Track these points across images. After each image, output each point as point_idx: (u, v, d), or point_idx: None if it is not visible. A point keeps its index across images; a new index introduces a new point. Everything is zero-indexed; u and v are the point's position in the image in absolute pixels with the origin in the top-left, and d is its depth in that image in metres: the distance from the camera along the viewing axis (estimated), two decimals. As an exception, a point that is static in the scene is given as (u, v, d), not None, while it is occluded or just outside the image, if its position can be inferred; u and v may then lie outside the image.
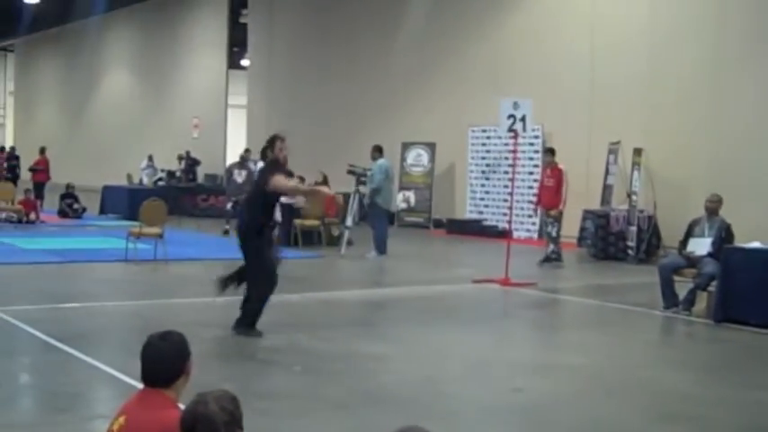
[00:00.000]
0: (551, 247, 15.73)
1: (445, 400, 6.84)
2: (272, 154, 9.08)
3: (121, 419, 3.52)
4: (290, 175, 9.41)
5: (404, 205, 23.65)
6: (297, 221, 17.63)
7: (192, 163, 28.77)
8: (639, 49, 18.71)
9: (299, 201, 11.72)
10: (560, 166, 15.90)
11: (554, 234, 15.72)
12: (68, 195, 23.06)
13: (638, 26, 18.89)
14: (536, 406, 6.81)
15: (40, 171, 26.35)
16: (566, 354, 8.93)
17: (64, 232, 19.32)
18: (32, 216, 20.85)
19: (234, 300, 9.15)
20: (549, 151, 16.28)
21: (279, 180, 8.88)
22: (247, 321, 8.85)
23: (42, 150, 27.08)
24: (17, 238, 17.41)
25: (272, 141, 9.13)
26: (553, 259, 15.65)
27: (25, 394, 6.90)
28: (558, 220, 15.79)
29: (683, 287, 10.99)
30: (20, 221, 20.35)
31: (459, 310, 11.58)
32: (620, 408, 6.87)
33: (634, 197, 17.11)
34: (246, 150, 21.48)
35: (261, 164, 16.10)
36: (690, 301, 10.80)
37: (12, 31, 45.51)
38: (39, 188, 25.01)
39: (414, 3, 24.65)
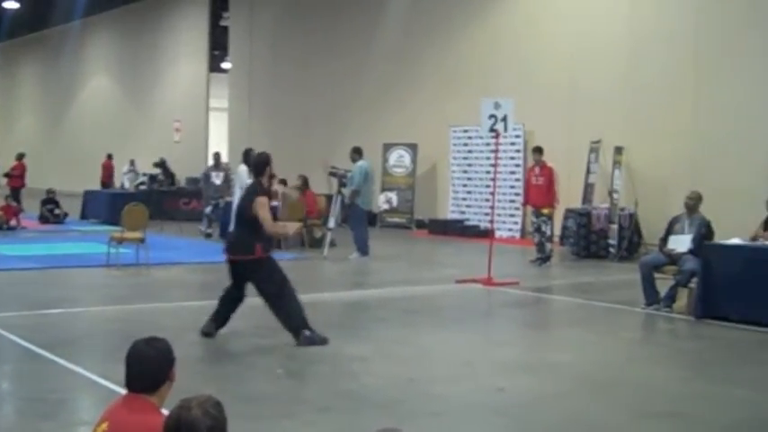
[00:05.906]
0: (549, 246, 15.75)
1: (428, 401, 6.84)
2: (260, 176, 8.80)
3: (104, 425, 3.50)
4: (271, 177, 9.19)
5: (386, 206, 23.66)
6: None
7: (168, 170, 28.60)
8: (620, 49, 18.78)
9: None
10: (549, 164, 15.92)
11: (549, 233, 15.74)
12: (49, 201, 22.93)
13: (619, 26, 18.95)
14: (519, 405, 6.83)
15: (15, 177, 26.22)
16: (549, 352, 8.97)
17: (45, 238, 19.21)
18: (13, 222, 20.70)
19: (212, 304, 9.11)
20: (538, 150, 16.09)
21: (264, 211, 8.53)
22: (298, 323, 8.51)
23: (20, 156, 26.96)
24: (-2, 244, 17.30)
25: (265, 163, 8.82)
26: (548, 258, 15.68)
27: (6, 402, 6.86)
28: (551, 218, 15.83)
29: (664, 284, 11.08)
30: (0, 228, 20.21)
31: (443, 310, 11.60)
32: (603, 405, 6.90)
33: (615, 195, 17.19)
34: (216, 154, 21.51)
35: (244, 170, 16.18)
36: (671, 298, 10.89)
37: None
38: (14, 194, 24.82)
39: (394, 4, 24.68)
